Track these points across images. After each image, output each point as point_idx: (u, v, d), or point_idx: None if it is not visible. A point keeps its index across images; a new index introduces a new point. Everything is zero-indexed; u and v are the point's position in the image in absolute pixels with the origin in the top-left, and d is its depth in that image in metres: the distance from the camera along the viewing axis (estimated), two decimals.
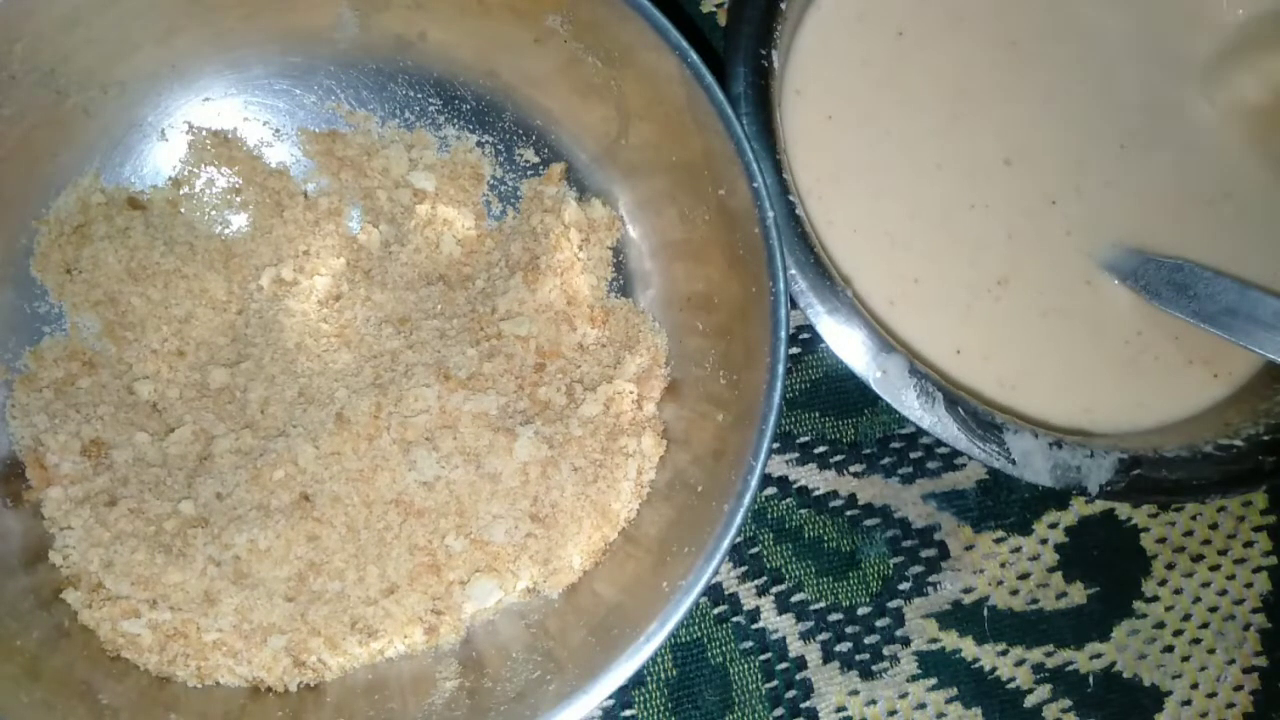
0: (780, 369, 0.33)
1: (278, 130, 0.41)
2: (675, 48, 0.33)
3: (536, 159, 0.42)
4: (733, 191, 0.34)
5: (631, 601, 0.34)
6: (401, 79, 0.41)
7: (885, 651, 0.43)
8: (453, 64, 0.40)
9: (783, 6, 0.40)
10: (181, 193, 0.39)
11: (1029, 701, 0.44)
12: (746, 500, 0.32)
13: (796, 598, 0.43)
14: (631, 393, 0.38)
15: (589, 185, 0.41)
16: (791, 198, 0.38)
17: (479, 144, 0.42)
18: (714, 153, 0.34)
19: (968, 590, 0.45)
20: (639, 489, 0.38)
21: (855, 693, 0.43)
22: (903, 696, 0.43)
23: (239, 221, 0.40)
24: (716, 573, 0.32)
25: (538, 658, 0.34)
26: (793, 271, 0.38)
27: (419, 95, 0.41)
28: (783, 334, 0.33)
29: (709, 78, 0.33)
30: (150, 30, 0.36)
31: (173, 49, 0.37)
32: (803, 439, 0.45)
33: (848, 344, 0.38)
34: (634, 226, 0.41)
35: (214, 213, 0.40)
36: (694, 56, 0.33)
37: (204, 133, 0.40)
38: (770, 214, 0.33)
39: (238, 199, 0.40)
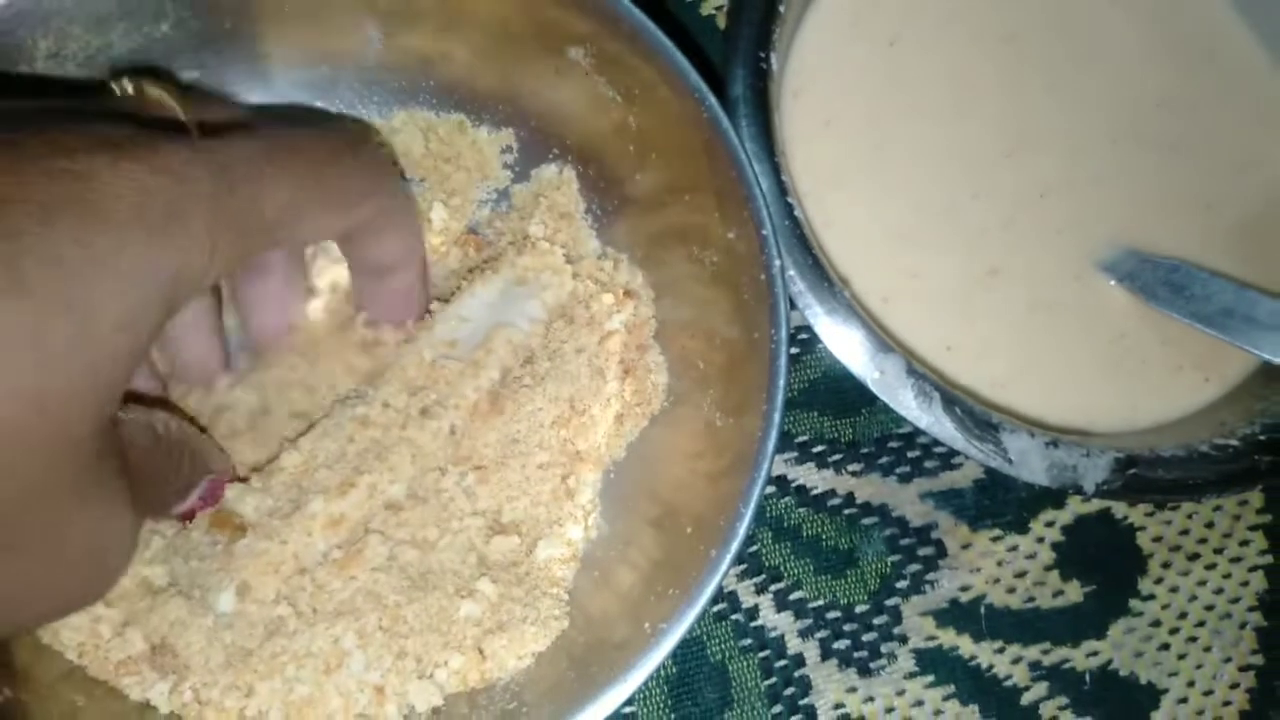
0: (777, 417, 0.33)
1: None
2: (695, 90, 0.34)
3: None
4: (742, 236, 0.34)
5: (613, 639, 0.34)
6: (422, 97, 0.41)
7: (883, 649, 0.44)
8: (474, 88, 0.41)
9: (781, 9, 0.41)
10: None
11: (1025, 699, 0.44)
12: (734, 547, 0.32)
13: (795, 595, 0.44)
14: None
15: (602, 218, 0.42)
16: (790, 199, 0.39)
17: None
18: (726, 196, 0.35)
19: (965, 588, 0.45)
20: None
21: (853, 690, 0.43)
22: (900, 693, 0.44)
23: None
24: (701, 617, 0.32)
25: (514, 689, 0.35)
26: (791, 273, 0.38)
27: (437, 116, 0.41)
28: (781, 383, 0.33)
29: (726, 123, 0.34)
30: (178, 36, 0.36)
31: (199, 55, 0.38)
32: (801, 438, 0.45)
33: (846, 345, 0.39)
34: (642, 263, 0.41)
35: None
36: (713, 100, 0.34)
37: None
38: (777, 263, 0.33)
39: None
